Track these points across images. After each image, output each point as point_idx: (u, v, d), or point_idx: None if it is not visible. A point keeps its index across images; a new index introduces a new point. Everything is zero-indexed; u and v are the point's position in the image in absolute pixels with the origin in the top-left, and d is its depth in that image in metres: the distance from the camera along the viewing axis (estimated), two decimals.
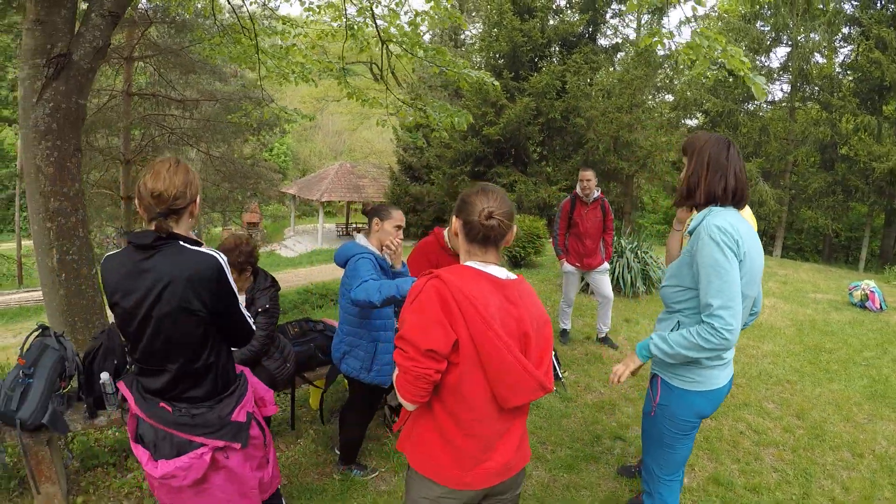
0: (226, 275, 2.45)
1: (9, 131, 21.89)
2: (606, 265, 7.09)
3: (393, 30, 8.61)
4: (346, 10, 8.88)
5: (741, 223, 2.73)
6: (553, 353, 4.93)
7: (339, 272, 4.04)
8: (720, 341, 2.62)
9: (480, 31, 24.89)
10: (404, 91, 17.78)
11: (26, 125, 4.88)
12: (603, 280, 7.09)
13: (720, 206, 2.78)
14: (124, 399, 3.85)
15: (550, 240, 8.30)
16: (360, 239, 4.02)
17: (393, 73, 9.16)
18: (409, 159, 23.62)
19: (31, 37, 4.86)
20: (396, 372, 2.19)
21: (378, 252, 3.95)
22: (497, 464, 2.26)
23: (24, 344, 3.67)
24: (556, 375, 6.03)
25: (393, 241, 3.86)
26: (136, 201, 2.46)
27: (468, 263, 2.22)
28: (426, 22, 8.79)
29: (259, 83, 9.65)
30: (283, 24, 9.57)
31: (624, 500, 4.16)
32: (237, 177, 16.58)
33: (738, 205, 2.81)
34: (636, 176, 22.71)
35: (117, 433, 4.67)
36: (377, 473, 4.46)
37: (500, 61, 21.55)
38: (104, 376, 3.72)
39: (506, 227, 2.20)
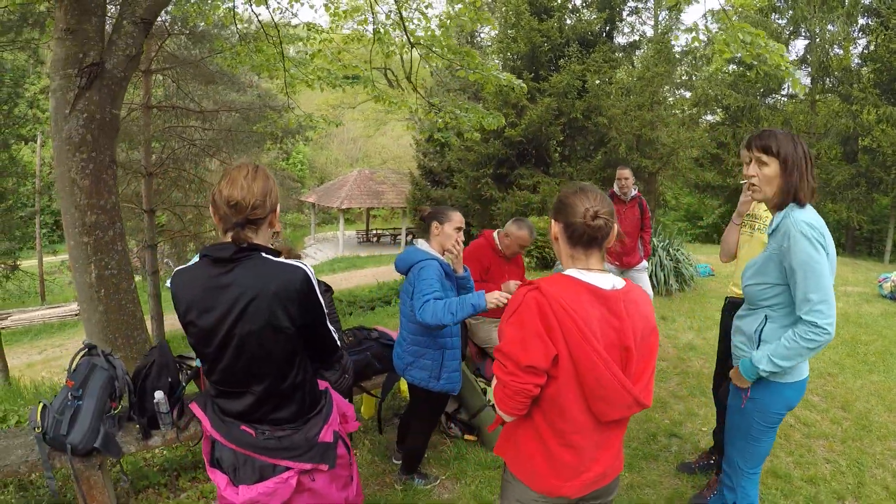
0: (314, 287, 2.27)
1: (26, 149, 21.88)
2: (645, 263, 7.13)
3: (420, 32, 8.50)
4: (373, 14, 8.78)
5: (820, 218, 2.78)
6: None
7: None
8: (825, 337, 2.65)
9: (496, 32, 24.70)
10: (422, 95, 17.69)
11: (59, 137, 4.75)
12: (641, 278, 7.10)
13: (800, 204, 2.79)
14: (179, 417, 3.72)
15: None
16: (422, 244, 3.89)
17: (408, 77, 9.06)
18: (430, 164, 23.49)
19: (62, 46, 4.74)
20: (495, 382, 2.17)
21: (441, 256, 3.81)
22: (594, 474, 2.24)
23: (71, 364, 3.50)
24: None
25: (454, 246, 3.72)
26: (211, 210, 2.28)
27: (570, 272, 2.14)
28: (456, 25, 8.70)
29: (285, 91, 9.54)
30: (308, 30, 9.47)
31: (687, 496, 4.17)
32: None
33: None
34: (659, 173, 22.46)
35: (165, 452, 4.51)
36: (438, 482, 4.36)
37: (519, 62, 21.39)
38: (158, 395, 3.56)
39: (610, 225, 2.12)
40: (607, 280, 2.13)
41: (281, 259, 2.24)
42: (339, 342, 2.45)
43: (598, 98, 20.79)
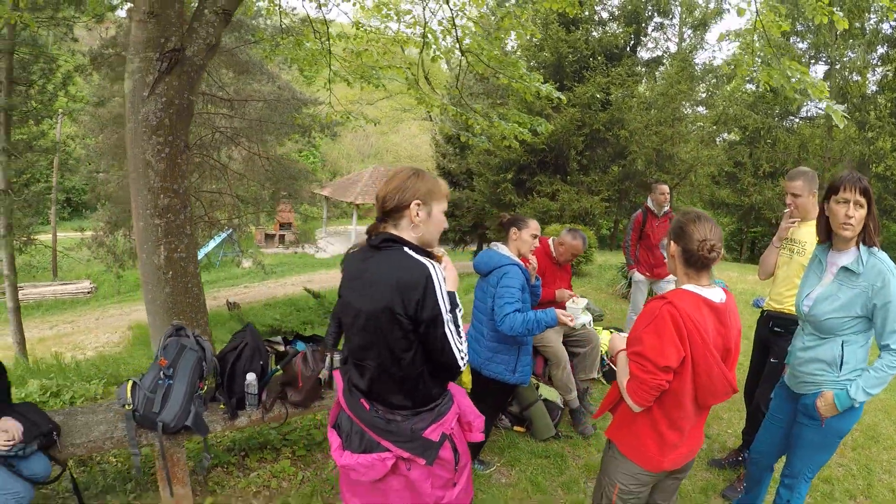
0: (433, 284, 2.37)
1: (47, 122, 21.83)
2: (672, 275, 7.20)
3: (467, 40, 8.58)
4: (424, 19, 8.88)
5: None
6: None
7: None
8: None
9: (517, 41, 24.78)
10: (443, 97, 17.83)
11: (135, 119, 4.79)
12: (668, 289, 7.18)
13: (872, 242, 3.10)
14: (264, 398, 3.83)
15: (622, 249, 8.48)
16: (501, 248, 4.13)
17: (427, 79, 9.12)
18: (449, 165, 23.52)
19: (144, 29, 4.78)
20: (627, 379, 2.66)
21: (519, 260, 4.01)
22: (687, 449, 2.82)
23: (162, 343, 3.60)
24: None
25: (533, 260, 4.17)
26: None
27: (689, 288, 2.64)
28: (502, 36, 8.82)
29: (327, 86, 9.60)
30: (357, 28, 9.55)
31: (719, 488, 4.60)
32: (284, 177, 16.50)
33: None
34: (675, 189, 22.59)
35: (229, 433, 4.60)
36: (495, 467, 4.64)
37: (544, 71, 21.48)
38: (251, 377, 3.68)
39: (720, 252, 2.60)
40: (717, 294, 2.63)
41: (413, 254, 2.43)
42: (459, 361, 2.50)
43: (620, 111, 20.91)
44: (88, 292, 23.29)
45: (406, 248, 2.45)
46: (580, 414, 5.31)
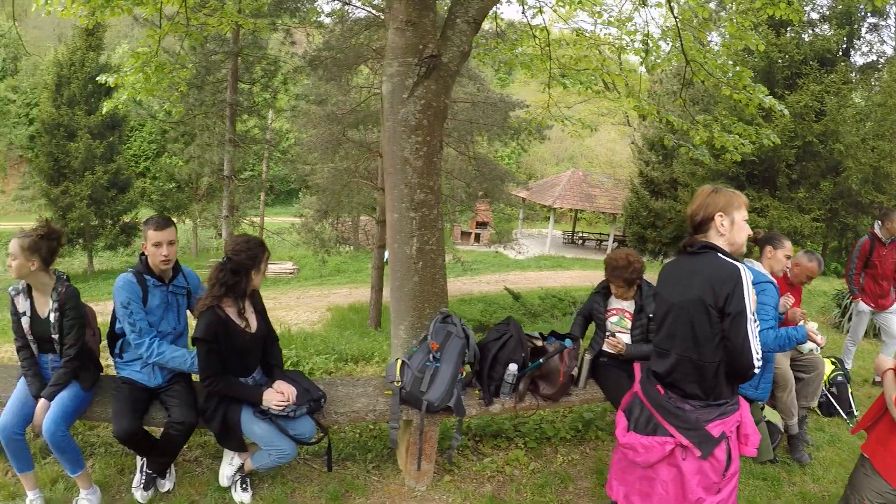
0: (742, 283, 2.70)
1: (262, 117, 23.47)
2: None
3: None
4: (647, 30, 8.83)
5: None
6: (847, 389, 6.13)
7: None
8: None
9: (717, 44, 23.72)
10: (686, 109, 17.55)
11: (394, 118, 5.15)
12: (893, 320, 7.03)
13: None
14: (516, 388, 4.06)
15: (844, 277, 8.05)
16: (756, 264, 4.19)
17: (607, 84, 8.99)
18: (652, 173, 23.01)
19: (402, 36, 5.14)
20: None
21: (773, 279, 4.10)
22: None
23: (432, 329, 3.90)
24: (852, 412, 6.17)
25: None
26: None
27: None
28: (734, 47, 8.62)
29: (546, 90, 9.80)
30: (577, 35, 9.65)
31: None
32: (489, 178, 16.93)
33: None
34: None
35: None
36: None
37: (752, 78, 20.46)
38: (513, 367, 3.91)
39: None
40: None
41: (725, 257, 2.79)
42: (754, 362, 2.68)
43: (835, 122, 19.51)
44: (291, 273, 25.04)
45: (719, 254, 2.80)
46: (798, 441, 5.15)
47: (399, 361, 3.90)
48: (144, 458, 3.88)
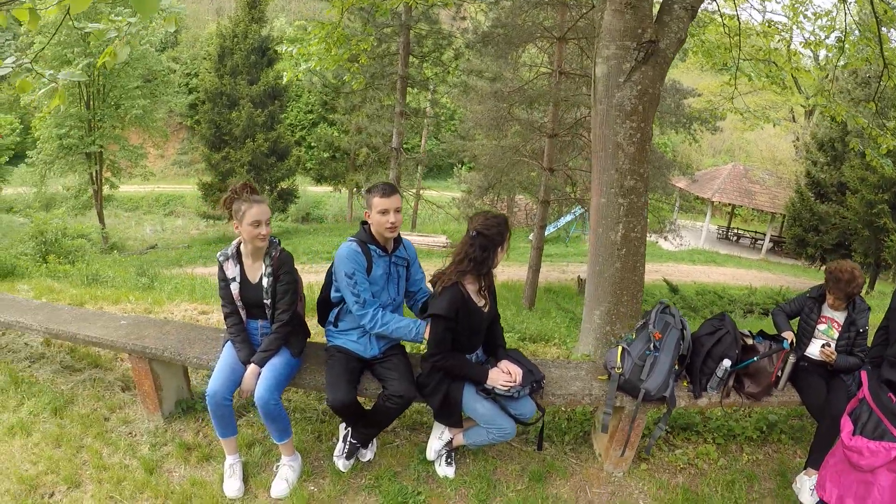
0: None
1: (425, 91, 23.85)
2: None
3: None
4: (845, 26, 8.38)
5: None
6: None
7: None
8: None
9: None
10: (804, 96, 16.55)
11: (608, 102, 5.14)
12: None
13: None
14: (725, 384, 4.01)
15: None
16: None
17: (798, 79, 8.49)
18: (820, 175, 21.63)
19: (621, 19, 5.07)
20: None
21: None
22: None
23: (652, 318, 3.91)
24: None
25: None
26: None
27: None
28: None
29: (732, 82, 9.50)
30: (769, 26, 9.26)
31: None
32: (655, 166, 16.47)
33: None
34: None
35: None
36: None
37: None
38: (727, 363, 3.86)
39: None
40: None
41: None
42: None
43: None
44: (444, 246, 25.52)
45: None
46: None
47: (620, 348, 3.92)
48: (349, 428, 3.96)
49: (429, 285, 3.90)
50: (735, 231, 34.61)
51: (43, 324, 4.55)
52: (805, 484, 4.16)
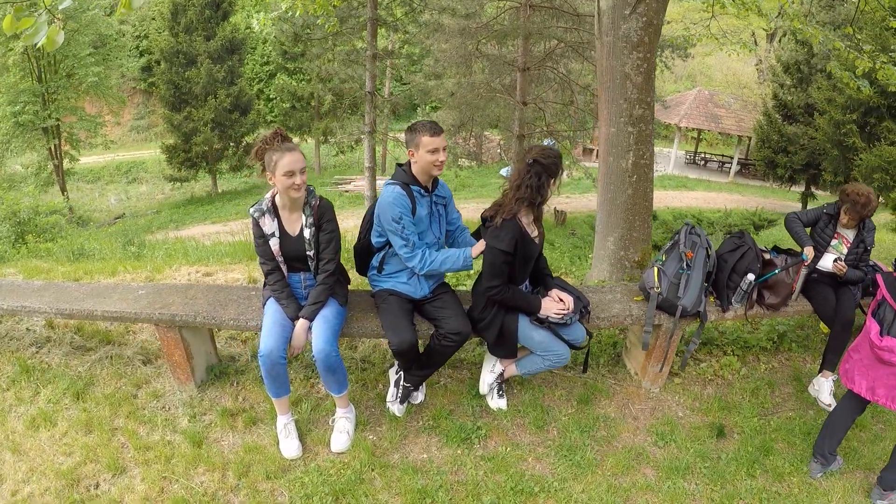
0: None
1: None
2: None
3: None
4: None
5: None
6: None
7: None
8: None
9: None
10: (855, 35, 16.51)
11: (615, 34, 5.17)
12: None
13: None
14: (749, 297, 4.25)
15: None
16: None
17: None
18: (787, 97, 21.79)
19: None
20: None
21: None
22: None
23: (681, 238, 4.10)
24: None
25: None
26: None
27: None
28: None
29: (709, 7, 9.56)
30: None
31: None
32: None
33: None
34: None
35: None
36: None
37: None
38: (751, 277, 4.10)
39: None
40: None
41: None
42: None
43: None
44: None
45: None
46: None
47: (655, 269, 4.10)
48: (401, 372, 4.00)
49: (477, 219, 3.91)
50: (703, 155, 35.06)
51: (52, 305, 4.21)
52: (823, 385, 4.48)
